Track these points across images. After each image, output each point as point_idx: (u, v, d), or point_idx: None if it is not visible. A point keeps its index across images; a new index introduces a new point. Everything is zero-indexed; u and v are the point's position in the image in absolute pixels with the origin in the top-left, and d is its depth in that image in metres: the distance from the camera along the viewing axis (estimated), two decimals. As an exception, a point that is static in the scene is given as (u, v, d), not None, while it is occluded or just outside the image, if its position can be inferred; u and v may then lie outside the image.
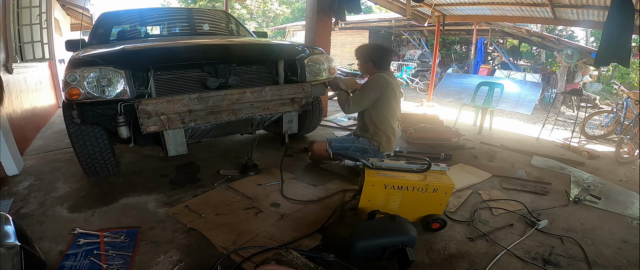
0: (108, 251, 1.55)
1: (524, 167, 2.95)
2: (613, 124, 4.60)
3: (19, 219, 1.76)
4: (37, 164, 2.71)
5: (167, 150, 2.04)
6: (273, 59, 2.47)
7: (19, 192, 2.18)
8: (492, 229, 1.90)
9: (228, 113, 2.14)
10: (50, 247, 1.60)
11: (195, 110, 2.02)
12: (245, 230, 1.76)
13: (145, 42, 2.46)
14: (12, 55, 3.08)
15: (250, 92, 2.17)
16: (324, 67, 2.63)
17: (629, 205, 2.32)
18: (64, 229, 1.74)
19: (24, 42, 3.63)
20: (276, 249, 1.50)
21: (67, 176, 2.44)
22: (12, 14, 3.27)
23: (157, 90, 2.07)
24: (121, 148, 2.76)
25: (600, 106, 7.68)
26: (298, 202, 2.09)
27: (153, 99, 1.91)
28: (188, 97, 1.98)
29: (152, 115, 1.89)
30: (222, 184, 2.33)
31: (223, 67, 2.19)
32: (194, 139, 2.34)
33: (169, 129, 1.97)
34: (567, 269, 1.60)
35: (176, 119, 1.98)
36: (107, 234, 1.68)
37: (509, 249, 1.70)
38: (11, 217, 1.24)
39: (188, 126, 2.04)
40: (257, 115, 2.28)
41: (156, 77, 2.06)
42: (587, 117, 4.77)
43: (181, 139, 2.05)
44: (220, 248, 1.61)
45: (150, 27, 3.41)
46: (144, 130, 1.90)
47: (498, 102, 4.51)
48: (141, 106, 1.85)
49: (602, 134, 4.70)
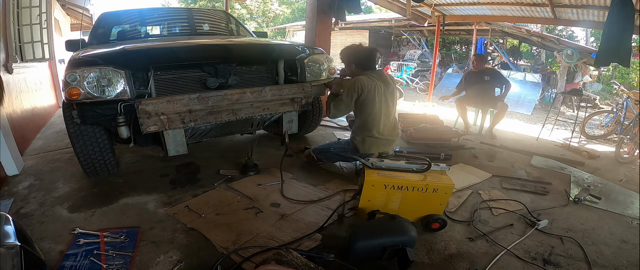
0: (108, 251, 1.55)
1: (524, 167, 2.95)
2: (613, 124, 4.60)
3: (19, 219, 1.76)
4: (37, 164, 2.70)
5: (167, 150, 2.04)
6: (273, 59, 2.47)
7: (19, 192, 2.18)
8: (492, 229, 1.90)
9: (228, 113, 2.14)
10: (50, 247, 1.60)
11: (195, 110, 2.02)
12: (245, 230, 1.76)
13: (145, 42, 2.46)
14: (12, 55, 3.08)
15: (250, 92, 2.17)
16: (324, 67, 2.63)
17: (629, 205, 2.32)
18: (64, 229, 1.73)
19: (24, 42, 3.63)
20: (276, 249, 1.50)
21: (67, 176, 2.44)
22: (12, 14, 3.27)
23: (157, 90, 2.07)
24: (121, 148, 2.76)
25: (600, 106, 7.68)
26: (298, 202, 2.09)
27: (153, 99, 1.91)
28: (188, 97, 1.98)
29: (152, 115, 1.89)
30: (222, 184, 2.33)
31: (223, 67, 2.19)
32: (194, 139, 2.34)
33: (169, 129, 1.97)
34: (567, 269, 1.60)
35: (176, 119, 1.98)
36: (107, 234, 1.68)
37: (509, 249, 1.70)
38: (11, 217, 1.24)
39: (188, 126, 2.04)
40: (257, 115, 2.28)
41: (156, 77, 2.06)
42: (587, 117, 4.77)
43: (181, 139, 2.05)
44: (220, 248, 1.61)
45: (150, 27, 3.41)
46: (144, 130, 1.90)
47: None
48: (141, 106, 1.84)
49: (602, 134, 4.70)
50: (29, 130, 3.34)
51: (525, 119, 6.09)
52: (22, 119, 3.14)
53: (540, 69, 10.20)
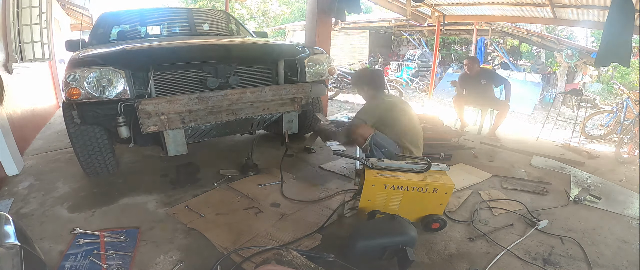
0: (108, 251, 1.55)
1: (524, 167, 2.95)
2: (613, 123, 4.60)
3: (19, 218, 1.76)
4: (37, 164, 2.70)
5: (167, 150, 2.04)
6: (273, 58, 2.47)
7: (19, 192, 2.18)
8: (492, 229, 1.90)
9: (228, 113, 2.14)
10: (50, 247, 1.60)
11: (195, 110, 2.02)
12: (245, 230, 1.76)
13: (145, 42, 2.46)
14: (12, 55, 3.07)
15: (250, 92, 2.17)
16: (324, 67, 2.63)
17: (629, 205, 2.32)
18: (64, 229, 1.73)
19: (24, 42, 3.62)
20: (276, 249, 1.50)
21: (67, 176, 2.43)
22: (12, 14, 3.27)
23: (157, 90, 2.07)
24: (121, 148, 2.76)
25: (600, 106, 7.68)
26: (298, 202, 2.09)
27: (153, 99, 1.91)
28: (188, 97, 1.98)
29: (152, 115, 1.89)
30: (222, 183, 2.33)
31: (223, 67, 2.19)
32: (194, 138, 2.34)
33: (169, 129, 1.97)
34: (567, 268, 1.60)
35: (176, 119, 1.98)
36: (107, 234, 1.68)
37: (509, 249, 1.70)
38: (11, 217, 1.24)
39: (188, 126, 2.04)
40: (257, 115, 2.28)
41: (156, 77, 2.06)
42: (587, 117, 4.77)
43: (181, 139, 2.05)
44: (220, 248, 1.61)
45: (151, 27, 3.40)
46: (144, 130, 1.90)
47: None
48: (141, 106, 1.85)
49: (602, 134, 4.70)
50: (29, 130, 3.34)
51: (525, 119, 6.08)
52: (22, 119, 3.14)
53: (540, 69, 10.20)
